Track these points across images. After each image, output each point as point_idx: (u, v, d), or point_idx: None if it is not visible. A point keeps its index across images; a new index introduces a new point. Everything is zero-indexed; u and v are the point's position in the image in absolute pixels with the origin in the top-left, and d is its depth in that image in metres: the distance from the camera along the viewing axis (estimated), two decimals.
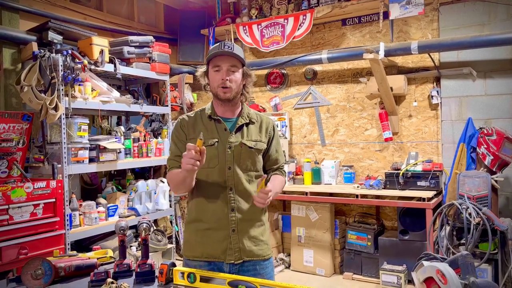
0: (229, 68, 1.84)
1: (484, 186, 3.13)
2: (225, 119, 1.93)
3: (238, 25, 4.67)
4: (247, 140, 1.91)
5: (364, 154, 4.41)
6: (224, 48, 1.83)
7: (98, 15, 4.42)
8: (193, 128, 1.94)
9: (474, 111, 3.84)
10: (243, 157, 1.89)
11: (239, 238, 1.87)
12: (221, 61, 1.84)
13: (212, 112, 1.94)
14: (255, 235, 1.92)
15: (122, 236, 2.01)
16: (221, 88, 1.84)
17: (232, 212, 1.87)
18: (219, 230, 1.87)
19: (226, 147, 1.88)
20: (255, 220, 1.93)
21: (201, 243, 1.90)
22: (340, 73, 4.50)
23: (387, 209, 4.28)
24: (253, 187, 1.91)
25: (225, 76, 1.83)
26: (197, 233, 1.92)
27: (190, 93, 5.01)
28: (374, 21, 4.31)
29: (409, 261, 3.77)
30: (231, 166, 1.88)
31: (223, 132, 1.90)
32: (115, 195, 4.18)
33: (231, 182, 1.88)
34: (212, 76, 1.88)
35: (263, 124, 2.00)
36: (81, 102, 3.63)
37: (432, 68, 4.02)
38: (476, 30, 3.79)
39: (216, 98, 1.91)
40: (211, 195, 1.89)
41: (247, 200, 1.89)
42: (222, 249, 1.87)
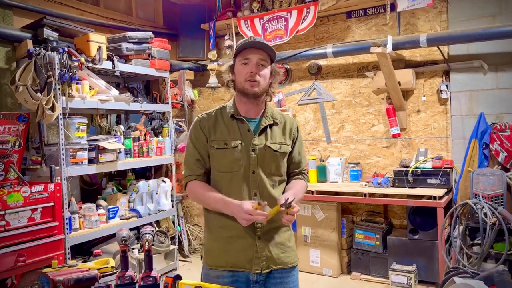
0: (259, 62, 1.74)
1: (499, 185, 3.01)
2: (248, 119, 1.80)
3: (239, 19, 4.53)
4: (272, 143, 1.80)
5: (371, 151, 4.29)
6: (254, 40, 1.74)
7: (95, 10, 4.28)
8: (214, 129, 1.81)
9: (485, 106, 3.71)
10: (267, 161, 1.78)
11: (266, 245, 1.76)
12: (251, 54, 1.73)
13: (235, 111, 1.82)
14: (282, 241, 1.81)
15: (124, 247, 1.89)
16: (249, 82, 1.73)
17: None
18: (244, 238, 1.75)
19: (250, 149, 1.77)
20: (281, 226, 1.81)
21: (225, 252, 1.77)
22: (345, 68, 4.37)
23: (395, 207, 4.17)
24: (277, 192, 1.80)
25: (255, 69, 1.72)
26: (220, 240, 1.80)
27: (190, 90, 4.89)
28: (380, 13, 4.17)
29: (419, 261, 3.67)
30: (255, 170, 1.76)
31: (246, 133, 1.78)
32: (116, 196, 4.08)
33: (255, 187, 1.76)
34: (239, 70, 1.77)
35: (287, 125, 1.88)
36: (79, 102, 3.52)
37: (441, 61, 3.89)
38: (487, 22, 3.65)
39: (241, 95, 1.79)
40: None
41: (272, 206, 1.74)
42: (247, 258, 1.75)
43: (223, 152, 1.78)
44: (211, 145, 1.80)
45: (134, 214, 4.03)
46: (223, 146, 1.78)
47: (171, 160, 4.52)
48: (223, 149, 1.78)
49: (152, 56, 4.27)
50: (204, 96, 5.25)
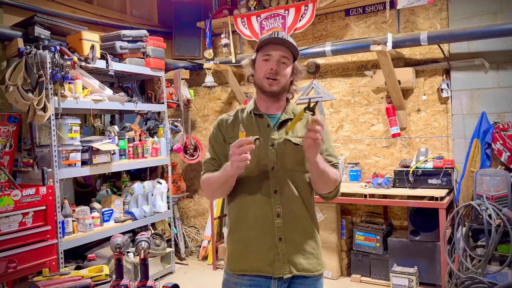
0: (280, 59, 1.66)
1: (504, 186, 2.95)
2: (268, 115, 1.74)
3: (236, 17, 4.44)
4: (292, 137, 1.69)
5: (370, 151, 4.22)
6: (278, 36, 1.66)
7: (88, 8, 4.18)
8: (232, 126, 1.76)
9: (487, 105, 3.65)
10: (287, 156, 1.68)
11: (287, 248, 1.65)
12: (272, 50, 1.66)
13: (254, 108, 1.76)
14: (304, 246, 1.69)
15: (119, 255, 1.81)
16: (267, 80, 1.66)
17: (278, 218, 1.65)
18: (265, 238, 1.66)
19: (268, 144, 1.69)
20: (304, 228, 1.69)
21: (245, 254, 1.69)
22: (344, 66, 4.30)
23: (395, 208, 4.11)
24: (300, 190, 1.68)
25: (275, 66, 1.65)
26: (239, 243, 1.72)
27: (186, 89, 4.79)
28: (379, 11, 4.10)
29: (420, 262, 3.60)
30: (274, 166, 1.67)
31: (265, 128, 1.71)
32: (110, 198, 3.98)
33: (275, 183, 1.66)
34: (259, 65, 1.69)
35: (309, 120, 1.78)
36: (72, 102, 3.42)
37: (442, 59, 3.83)
38: (488, 19, 3.59)
39: (260, 92, 1.73)
40: (253, 199, 1.67)
41: (294, 204, 1.66)
42: (269, 261, 1.64)
43: None
44: (229, 143, 1.72)
45: (129, 216, 3.94)
46: None
47: (167, 161, 4.43)
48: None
49: (147, 55, 4.18)
50: (200, 95, 5.16)
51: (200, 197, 5.25)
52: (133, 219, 3.96)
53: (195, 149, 4.90)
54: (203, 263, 4.69)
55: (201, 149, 4.93)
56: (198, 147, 4.91)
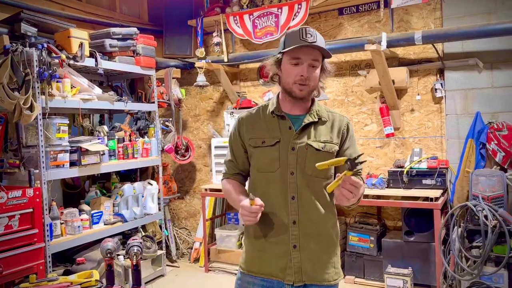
0: (311, 63, 1.58)
1: (499, 186, 2.93)
2: (291, 116, 1.67)
3: (228, 15, 4.37)
4: (314, 141, 1.63)
5: (364, 151, 4.19)
6: (306, 37, 1.55)
7: (76, 5, 4.08)
8: (253, 127, 1.70)
9: (481, 105, 3.64)
10: (308, 161, 1.61)
11: (301, 256, 1.61)
12: (302, 53, 1.57)
13: (276, 108, 1.68)
14: (320, 255, 1.64)
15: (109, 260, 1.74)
16: (298, 85, 1.58)
17: (294, 225, 1.61)
18: (279, 244, 1.62)
19: (289, 148, 1.62)
20: (321, 237, 1.64)
21: (259, 258, 1.66)
22: (337, 66, 4.26)
23: (389, 208, 4.08)
24: (319, 198, 1.63)
25: (306, 73, 1.57)
26: (255, 245, 1.69)
27: (178, 88, 4.71)
28: (373, 10, 4.06)
29: (415, 263, 3.57)
30: (294, 171, 1.61)
31: (287, 130, 1.65)
32: (99, 200, 3.89)
33: (293, 189, 1.61)
34: (288, 69, 1.60)
35: (335, 123, 1.70)
36: (60, 101, 3.33)
37: (436, 59, 3.81)
38: (483, 19, 3.58)
39: (286, 94, 1.65)
40: (271, 203, 1.62)
41: (312, 212, 1.62)
42: (281, 267, 1.61)
43: (261, 150, 1.67)
44: (249, 144, 1.71)
45: (119, 218, 3.86)
46: (260, 144, 1.67)
47: (158, 162, 4.35)
48: (260, 147, 1.67)
49: (137, 53, 4.09)
50: (192, 95, 5.08)
51: (192, 198, 5.18)
52: (123, 221, 3.87)
53: (186, 149, 4.82)
54: (194, 265, 4.61)
55: (192, 149, 4.86)
56: (189, 147, 4.83)
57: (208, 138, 4.97)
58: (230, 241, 4.36)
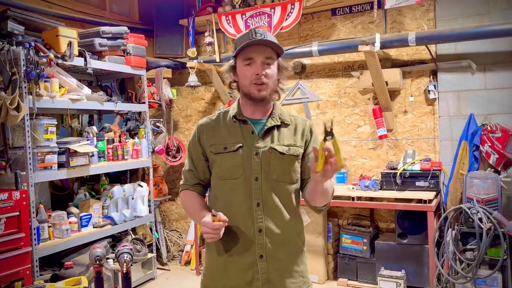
0: (264, 61, 1.53)
1: (494, 188, 2.92)
2: (253, 121, 1.61)
3: (220, 15, 4.32)
4: (278, 145, 1.58)
5: (356, 153, 4.17)
6: (256, 37, 1.51)
7: (65, 3, 3.99)
8: (214, 133, 1.64)
9: (474, 106, 3.64)
10: (273, 166, 1.56)
11: (268, 266, 1.54)
12: (254, 53, 1.53)
13: (237, 112, 1.62)
14: (288, 265, 1.58)
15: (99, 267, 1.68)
16: (255, 85, 1.53)
17: (260, 234, 1.54)
18: (244, 255, 1.55)
19: (253, 153, 1.57)
20: (288, 245, 1.58)
21: (223, 271, 1.59)
22: (330, 67, 4.23)
23: (382, 210, 4.06)
24: (286, 203, 1.57)
25: (260, 70, 1.52)
26: (218, 258, 1.60)
27: (169, 88, 4.64)
28: (366, 11, 4.04)
29: (408, 266, 3.56)
30: (258, 177, 1.55)
31: (250, 135, 1.59)
32: (88, 202, 3.81)
33: (258, 196, 1.55)
34: (242, 71, 1.56)
35: (298, 127, 1.66)
36: (48, 101, 3.25)
37: (429, 61, 3.80)
38: (475, 21, 3.58)
39: (246, 98, 1.59)
40: (235, 212, 1.55)
41: (278, 218, 1.55)
42: (246, 280, 1.54)
43: (223, 156, 1.61)
44: (210, 151, 1.64)
45: (108, 221, 3.78)
46: (222, 150, 1.61)
47: (148, 163, 4.28)
48: (222, 154, 1.61)
49: (128, 52, 4.02)
50: (183, 95, 5.02)
51: None
52: (112, 224, 3.80)
53: (177, 150, 4.76)
54: (185, 268, 4.55)
55: (183, 150, 4.80)
56: (180, 148, 4.77)
57: None
58: None
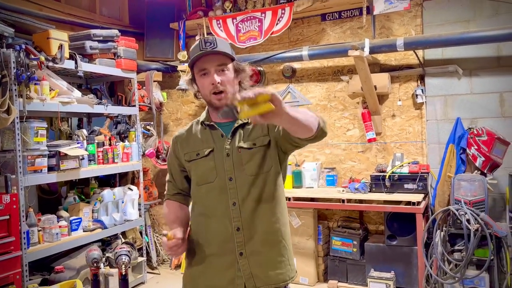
0: (217, 69, 1.55)
1: (481, 190, 3.00)
2: (221, 125, 1.65)
3: (211, 19, 4.34)
4: (244, 142, 1.61)
5: (346, 156, 4.22)
6: (206, 47, 1.53)
7: (55, 6, 3.97)
8: (187, 142, 1.69)
9: (460, 110, 3.72)
10: (245, 162, 1.59)
11: (249, 262, 1.56)
12: (206, 63, 1.56)
13: (206, 118, 1.67)
14: (271, 256, 1.60)
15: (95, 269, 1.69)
16: (214, 95, 1.56)
17: (238, 232, 1.56)
18: (224, 255, 1.58)
19: (224, 155, 1.61)
20: (268, 236, 1.60)
21: (203, 273, 1.61)
22: (320, 71, 4.29)
23: (371, 212, 4.12)
24: (262, 196, 1.59)
25: (215, 79, 1.54)
26: (197, 260, 1.63)
27: (159, 91, 4.64)
28: (355, 16, 4.11)
29: (397, 267, 3.61)
30: (232, 177, 1.59)
31: (219, 138, 1.63)
32: (78, 206, 3.79)
33: (233, 195, 1.58)
34: (200, 83, 1.59)
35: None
36: (38, 104, 3.22)
37: (416, 65, 3.87)
38: (461, 27, 3.67)
39: (211, 107, 1.64)
40: (212, 213, 1.60)
41: (255, 214, 1.58)
42: (228, 279, 1.56)
43: (196, 163, 1.66)
44: (185, 159, 1.69)
45: (98, 225, 3.75)
46: (195, 157, 1.66)
47: (139, 167, 4.26)
48: (195, 160, 1.66)
49: (118, 55, 4.02)
50: (173, 98, 5.02)
51: None
52: (102, 227, 3.77)
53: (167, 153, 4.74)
54: (176, 272, 4.53)
55: None
56: None
57: None
58: None
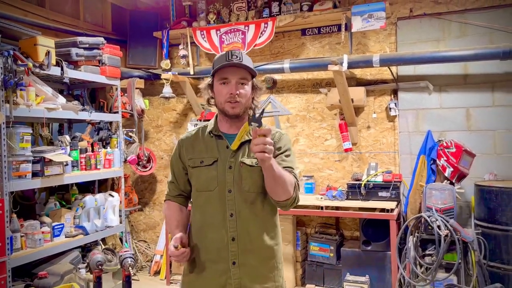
0: (238, 81, 1.66)
1: (450, 199, 3.23)
2: (228, 136, 1.74)
3: (195, 29, 4.45)
4: (247, 158, 1.70)
5: (324, 164, 4.40)
6: (232, 59, 1.65)
7: (40, 12, 3.97)
8: (192, 148, 1.77)
9: (430, 124, 3.98)
10: (244, 178, 1.68)
11: (240, 272, 1.66)
12: (229, 73, 1.66)
13: (214, 128, 1.75)
14: (260, 270, 1.69)
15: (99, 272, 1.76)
16: (229, 103, 1.66)
17: (233, 242, 1.67)
18: (218, 262, 1.68)
19: (227, 167, 1.70)
20: (261, 251, 1.70)
21: (198, 277, 1.71)
22: (300, 83, 4.47)
23: (347, 219, 4.31)
24: (258, 212, 1.70)
25: (234, 90, 1.65)
26: (193, 264, 1.73)
27: (141, 99, 4.69)
28: (334, 32, 4.32)
29: (371, 271, 3.80)
30: (231, 189, 1.68)
31: (224, 150, 1.73)
32: (60, 212, 3.78)
33: (231, 207, 1.68)
34: (218, 90, 1.69)
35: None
36: (24, 110, 3.23)
37: (390, 81, 4.11)
38: (432, 46, 3.94)
39: (222, 114, 1.73)
40: (210, 222, 1.69)
41: (250, 227, 1.69)
42: (220, 284, 1.67)
43: (199, 170, 1.74)
44: (188, 165, 1.77)
45: (80, 231, 3.75)
46: (199, 164, 1.74)
47: (120, 173, 4.29)
48: (199, 167, 1.74)
49: (103, 63, 4.05)
50: (154, 105, 5.08)
51: (151, 210, 5.13)
52: (84, 233, 3.78)
53: (148, 160, 4.79)
54: (155, 279, 4.57)
55: (154, 160, 4.84)
56: (151, 158, 4.81)
57: (170, 150, 4.97)
58: None
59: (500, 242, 3.19)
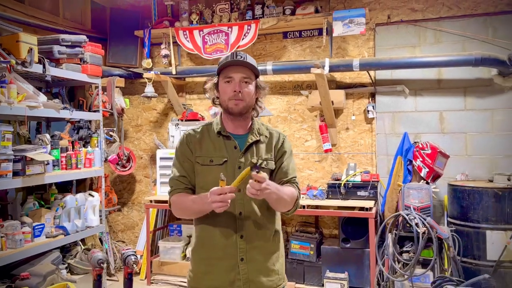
0: (242, 79, 1.72)
1: (427, 198, 3.40)
2: (235, 136, 1.79)
3: (177, 29, 4.46)
4: (258, 160, 1.77)
5: (304, 165, 4.51)
6: (236, 58, 1.72)
7: (19, 7, 3.88)
8: (200, 145, 1.80)
9: (406, 126, 4.15)
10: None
11: (248, 268, 1.73)
12: (234, 72, 1.72)
13: (221, 128, 1.80)
14: (266, 265, 1.77)
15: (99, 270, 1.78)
16: (233, 101, 1.72)
17: (241, 239, 1.73)
18: (226, 259, 1.73)
19: (236, 167, 1.75)
20: (266, 247, 1.79)
21: (207, 273, 1.75)
22: (281, 85, 4.56)
23: (326, 217, 4.43)
24: (264, 211, 1.77)
25: (238, 87, 1.71)
26: (202, 262, 1.77)
27: (121, 97, 4.65)
28: (315, 36, 4.44)
29: (350, 268, 3.92)
30: (240, 189, 1.70)
31: (233, 150, 1.78)
32: (39, 212, 3.72)
33: (240, 206, 1.73)
34: (223, 88, 1.75)
35: (273, 140, 1.85)
36: (6, 107, 3.16)
37: (369, 84, 4.26)
38: (408, 51, 4.12)
39: (226, 113, 1.78)
40: (219, 220, 1.73)
41: (257, 226, 1.76)
42: (229, 280, 1.73)
43: (209, 169, 1.77)
44: (196, 161, 1.79)
45: (61, 231, 3.69)
46: (208, 162, 1.77)
47: (101, 173, 4.24)
48: (208, 166, 1.77)
49: (85, 61, 4.00)
50: (134, 105, 5.04)
51: (130, 210, 5.09)
52: (65, 234, 3.71)
53: (127, 160, 4.76)
54: (135, 279, 4.47)
55: (134, 160, 4.81)
56: (131, 158, 4.78)
57: (150, 149, 4.96)
58: (174, 253, 4.39)
59: (472, 239, 3.39)
